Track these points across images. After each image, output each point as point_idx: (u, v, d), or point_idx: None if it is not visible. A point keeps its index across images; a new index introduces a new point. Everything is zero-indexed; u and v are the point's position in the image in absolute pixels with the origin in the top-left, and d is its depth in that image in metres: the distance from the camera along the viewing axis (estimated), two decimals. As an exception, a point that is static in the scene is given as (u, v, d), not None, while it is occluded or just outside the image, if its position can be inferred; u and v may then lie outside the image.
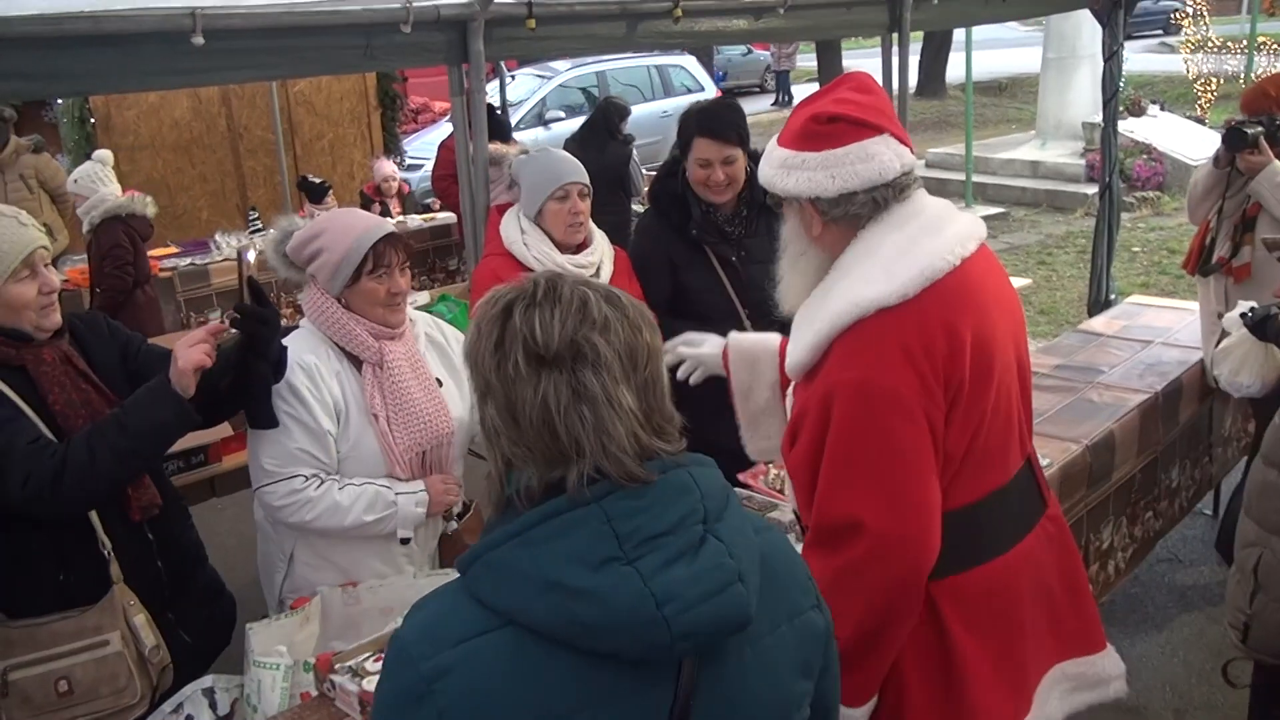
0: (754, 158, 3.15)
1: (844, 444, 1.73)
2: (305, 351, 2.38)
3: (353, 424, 2.41)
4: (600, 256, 3.04)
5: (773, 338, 2.27)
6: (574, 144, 6.78)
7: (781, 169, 1.84)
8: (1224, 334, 3.17)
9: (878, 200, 1.79)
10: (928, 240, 1.77)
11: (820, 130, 1.79)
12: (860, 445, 1.72)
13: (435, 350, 2.60)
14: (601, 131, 7.06)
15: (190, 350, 2.12)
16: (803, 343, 1.83)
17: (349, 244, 2.37)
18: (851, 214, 1.81)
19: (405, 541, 2.46)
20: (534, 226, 2.97)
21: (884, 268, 1.75)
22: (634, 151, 7.25)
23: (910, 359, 1.70)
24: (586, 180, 3.00)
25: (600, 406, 1.15)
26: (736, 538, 1.18)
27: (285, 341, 2.33)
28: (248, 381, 2.24)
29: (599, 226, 3.14)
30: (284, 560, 2.50)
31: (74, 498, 2.07)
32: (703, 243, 3.10)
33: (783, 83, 21.41)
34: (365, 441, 2.42)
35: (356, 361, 2.45)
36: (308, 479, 2.35)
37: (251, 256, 5.27)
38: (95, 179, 5.29)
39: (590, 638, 1.10)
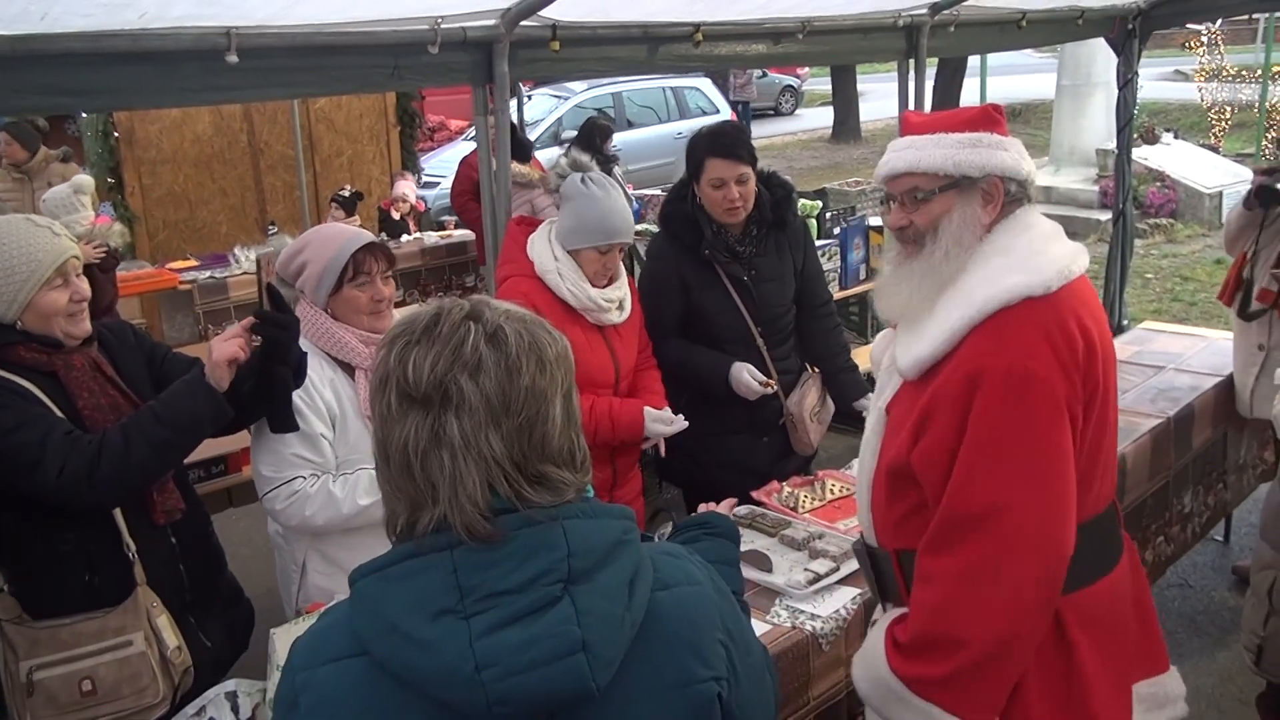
0: (762, 178, 3.20)
1: (991, 430, 1.64)
2: None
3: (350, 428, 2.46)
4: (625, 290, 3.02)
5: None
6: (559, 163, 6.78)
7: (970, 147, 1.74)
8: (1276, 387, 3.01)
9: (1031, 197, 1.80)
10: (1055, 244, 1.76)
11: (999, 117, 1.79)
12: (1010, 432, 1.63)
13: None
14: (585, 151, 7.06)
15: (225, 344, 2.17)
16: (928, 337, 1.75)
17: (331, 254, 2.44)
18: (1017, 201, 1.78)
19: None
20: (567, 256, 2.89)
21: (1022, 262, 1.71)
22: (616, 171, 7.28)
23: (1055, 351, 1.66)
24: (632, 240, 2.98)
25: (458, 453, 1.11)
26: (598, 603, 1.10)
27: None
28: (269, 386, 2.28)
29: None
30: (297, 570, 2.53)
31: (109, 487, 2.09)
32: (715, 262, 3.14)
33: (744, 114, 19.34)
34: (363, 444, 2.46)
35: (349, 369, 2.50)
36: (305, 479, 2.40)
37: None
38: (61, 206, 5.03)
39: (422, 685, 1.09)
